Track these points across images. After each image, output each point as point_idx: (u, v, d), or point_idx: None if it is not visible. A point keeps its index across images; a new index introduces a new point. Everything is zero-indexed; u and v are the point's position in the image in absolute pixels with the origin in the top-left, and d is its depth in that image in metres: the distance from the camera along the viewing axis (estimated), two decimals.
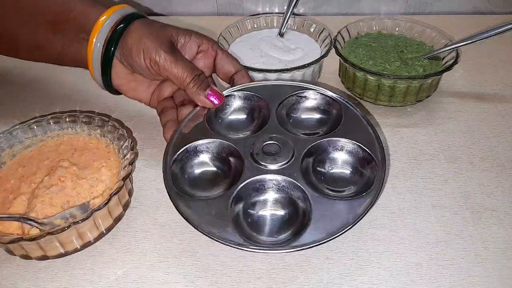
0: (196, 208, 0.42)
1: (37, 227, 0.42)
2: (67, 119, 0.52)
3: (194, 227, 0.40)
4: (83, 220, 0.41)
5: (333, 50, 0.62)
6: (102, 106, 0.63)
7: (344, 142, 0.47)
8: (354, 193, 0.45)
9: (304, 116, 0.53)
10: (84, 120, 0.52)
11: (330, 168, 0.48)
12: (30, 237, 0.39)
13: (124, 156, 0.47)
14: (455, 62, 0.58)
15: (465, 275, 0.42)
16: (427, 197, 0.49)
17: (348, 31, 0.66)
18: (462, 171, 0.52)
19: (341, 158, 0.48)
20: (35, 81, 0.69)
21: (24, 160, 0.50)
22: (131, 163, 0.46)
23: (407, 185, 0.50)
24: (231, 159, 0.47)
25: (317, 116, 0.53)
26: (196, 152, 0.48)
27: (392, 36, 0.66)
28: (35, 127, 0.52)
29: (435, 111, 0.61)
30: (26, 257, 0.43)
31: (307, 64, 0.59)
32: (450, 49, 0.59)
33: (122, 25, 0.48)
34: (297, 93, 0.52)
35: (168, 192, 0.43)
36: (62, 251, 0.43)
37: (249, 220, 0.43)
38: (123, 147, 0.48)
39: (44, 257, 0.43)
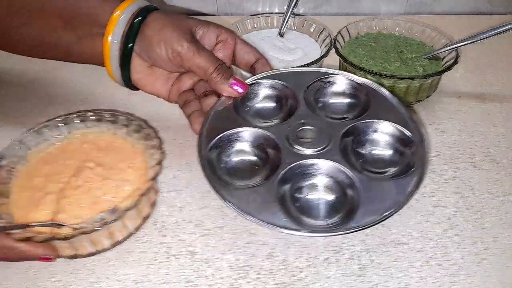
0: (240, 197, 0.41)
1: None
2: (92, 117, 0.52)
3: (244, 216, 0.40)
4: (114, 221, 0.41)
5: (333, 50, 0.62)
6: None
7: (379, 123, 0.47)
8: (398, 173, 0.45)
9: (331, 101, 0.53)
10: (109, 118, 0.52)
11: (369, 150, 0.47)
12: (63, 237, 0.39)
13: (152, 155, 0.47)
14: (455, 62, 0.58)
15: (465, 275, 0.42)
16: (427, 197, 0.49)
17: (348, 31, 0.66)
18: (462, 171, 0.52)
19: (378, 139, 0.48)
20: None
21: (49, 158, 0.50)
22: (159, 162, 0.46)
23: None
24: (267, 146, 0.47)
25: (344, 100, 0.53)
26: (229, 141, 0.48)
27: (392, 36, 0.66)
28: (61, 125, 0.51)
29: (435, 111, 0.61)
30: (58, 256, 0.43)
31: (307, 64, 0.59)
32: (450, 49, 0.59)
33: (139, 18, 0.48)
34: (322, 79, 0.52)
35: (210, 183, 0.42)
36: (93, 250, 0.43)
37: (297, 205, 0.43)
38: (150, 147, 0.48)
39: (75, 256, 0.43)
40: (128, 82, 0.52)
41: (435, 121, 0.59)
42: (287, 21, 0.67)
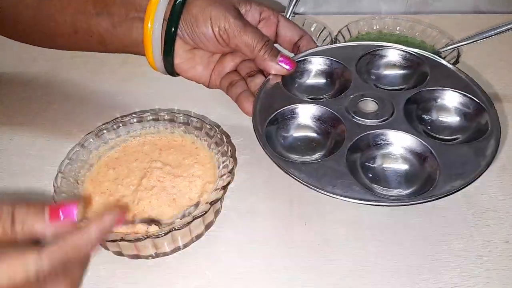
0: (309, 172, 0.41)
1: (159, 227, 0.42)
2: (149, 117, 0.52)
3: (318, 191, 0.39)
4: (181, 227, 0.40)
5: None
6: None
7: (443, 90, 0.47)
8: (468, 139, 0.44)
9: (385, 72, 0.53)
10: (166, 118, 0.51)
11: (435, 117, 0.47)
12: (130, 238, 0.39)
13: (223, 162, 0.46)
14: (456, 62, 0.58)
15: (466, 275, 0.42)
16: None
17: (348, 30, 0.66)
18: None
19: (444, 106, 0.47)
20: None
21: (112, 162, 0.50)
22: (230, 171, 0.45)
23: None
24: (326, 121, 0.47)
25: (399, 71, 0.52)
26: (286, 118, 0.47)
27: (393, 35, 0.66)
28: (119, 126, 0.51)
29: None
30: (119, 253, 0.43)
31: None
32: (451, 49, 0.59)
33: None
34: (371, 52, 0.52)
35: (275, 162, 0.42)
36: (153, 253, 0.43)
37: (368, 175, 0.43)
38: (218, 150, 0.48)
39: (136, 256, 0.43)
40: (171, 69, 0.51)
41: None
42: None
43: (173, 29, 0.47)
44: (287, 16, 0.65)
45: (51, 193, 0.44)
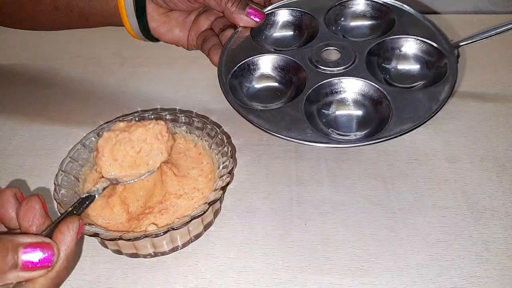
0: (268, 118, 0.42)
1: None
2: (150, 117, 0.51)
3: (273, 134, 0.41)
4: (179, 227, 0.40)
5: None
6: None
7: (406, 38, 0.47)
8: (428, 85, 0.45)
9: (353, 23, 0.53)
10: (168, 117, 0.51)
11: (396, 65, 0.48)
12: (129, 237, 0.39)
13: (223, 163, 0.46)
14: (456, 62, 0.57)
15: (466, 275, 0.42)
16: (427, 197, 0.49)
17: None
18: (462, 171, 0.52)
19: (405, 54, 0.48)
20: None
21: None
22: (230, 171, 0.45)
23: (408, 185, 0.50)
24: (289, 70, 0.48)
25: (367, 22, 0.53)
26: (250, 69, 0.48)
27: None
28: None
29: None
30: (118, 252, 0.43)
31: None
32: None
33: None
34: (342, 2, 0.53)
35: (235, 108, 0.43)
36: (152, 252, 0.43)
37: (324, 120, 0.44)
38: (218, 151, 0.47)
39: (135, 255, 0.43)
40: (147, 33, 0.52)
41: (436, 121, 0.58)
42: None
43: None
44: None
45: (51, 193, 0.44)
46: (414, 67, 0.48)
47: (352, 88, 0.45)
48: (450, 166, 0.52)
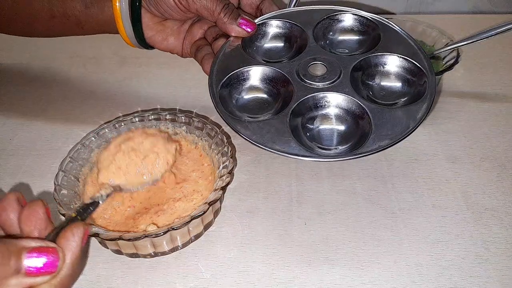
0: (254, 130, 0.44)
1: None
2: (151, 117, 0.52)
3: (258, 146, 0.42)
4: (179, 227, 0.40)
5: None
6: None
7: (389, 56, 0.49)
8: (408, 103, 0.46)
9: (341, 37, 0.54)
10: (168, 117, 0.52)
11: (379, 82, 0.49)
12: (129, 237, 0.39)
13: (223, 163, 0.46)
14: (456, 62, 0.57)
15: (466, 275, 0.42)
16: (427, 198, 0.49)
17: None
18: (462, 171, 0.52)
19: (388, 72, 0.49)
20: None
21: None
22: (230, 172, 0.45)
23: (408, 185, 0.50)
24: (277, 83, 0.49)
25: (354, 36, 0.54)
26: (240, 79, 0.49)
27: None
28: (120, 125, 0.51)
29: (436, 110, 0.61)
30: (118, 252, 0.43)
31: None
32: (450, 49, 0.59)
33: None
34: (331, 16, 0.54)
35: (224, 119, 0.44)
36: (152, 252, 0.43)
37: (308, 134, 0.45)
38: (218, 151, 0.48)
39: (135, 255, 0.43)
40: (142, 42, 0.53)
41: (436, 121, 0.59)
42: None
43: (137, 3, 0.50)
44: None
45: (51, 192, 0.44)
46: (396, 84, 0.49)
47: (335, 103, 0.47)
48: (450, 166, 0.52)
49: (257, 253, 0.44)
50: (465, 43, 0.57)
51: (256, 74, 0.50)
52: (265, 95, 0.50)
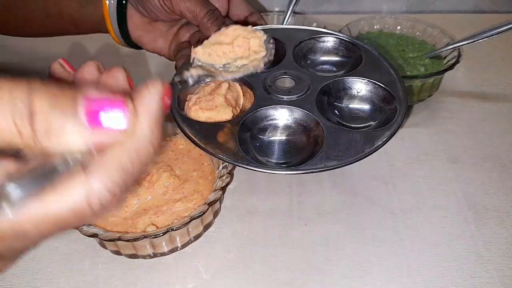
0: (202, 132, 0.42)
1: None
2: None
3: (199, 147, 0.40)
4: (179, 228, 0.40)
5: None
6: None
7: (363, 80, 0.47)
8: (372, 128, 0.45)
9: (322, 58, 0.54)
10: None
11: (347, 105, 0.48)
12: (128, 238, 0.39)
13: (223, 163, 0.46)
14: (457, 61, 0.57)
15: (467, 276, 0.41)
16: (428, 198, 0.49)
17: (349, 30, 0.65)
18: (464, 172, 0.52)
19: (359, 96, 0.48)
20: None
21: None
22: (230, 172, 0.45)
23: (409, 185, 0.50)
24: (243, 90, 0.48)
25: (335, 59, 0.53)
26: (204, 81, 0.48)
27: (394, 35, 0.66)
28: None
29: (437, 110, 0.60)
30: (117, 253, 0.43)
31: None
32: (452, 48, 0.59)
33: None
34: (316, 37, 0.53)
35: (173, 116, 0.43)
36: (151, 252, 0.43)
37: (257, 144, 0.44)
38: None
39: (134, 256, 0.43)
40: (128, 40, 0.53)
41: (437, 121, 0.59)
42: (287, 20, 0.66)
43: (124, 1, 0.50)
44: (288, 15, 0.65)
45: None
46: (364, 109, 0.48)
47: (292, 117, 0.45)
48: (451, 167, 0.52)
49: (257, 254, 0.44)
50: (466, 42, 0.56)
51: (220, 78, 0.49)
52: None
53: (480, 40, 0.55)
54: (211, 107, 0.44)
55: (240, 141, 0.42)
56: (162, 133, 0.24)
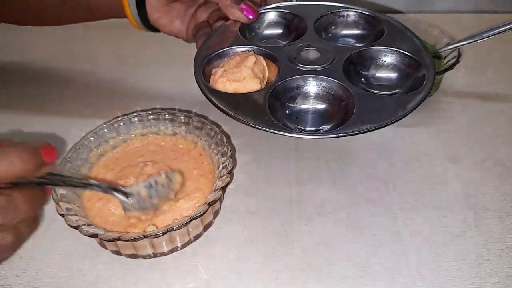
0: (228, 101, 0.43)
1: (123, 199, 0.41)
2: (150, 116, 0.51)
3: (229, 116, 0.41)
4: (179, 228, 0.40)
5: None
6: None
7: (388, 49, 0.48)
8: (402, 93, 0.46)
9: (343, 32, 0.54)
10: (167, 117, 0.51)
11: (373, 74, 0.49)
12: (128, 238, 0.39)
13: (222, 163, 0.46)
14: (457, 62, 0.57)
15: (467, 276, 0.41)
16: (428, 198, 0.49)
17: None
18: (463, 172, 0.52)
19: (385, 65, 0.49)
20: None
21: (112, 163, 0.49)
22: (229, 172, 0.45)
23: (409, 185, 0.50)
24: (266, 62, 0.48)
25: (356, 32, 0.54)
26: (227, 57, 0.49)
27: None
28: (119, 125, 0.51)
29: (437, 110, 0.60)
30: (117, 253, 0.43)
31: None
32: (452, 48, 0.59)
33: None
34: (335, 11, 0.54)
35: (200, 89, 0.44)
36: (151, 252, 0.43)
37: (287, 112, 0.45)
38: (218, 151, 0.47)
39: (134, 256, 0.43)
40: (147, 23, 0.54)
41: (437, 121, 0.59)
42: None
43: None
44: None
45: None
46: (391, 76, 0.49)
47: (320, 86, 0.46)
48: (451, 166, 0.52)
49: (257, 254, 0.44)
50: (466, 42, 0.56)
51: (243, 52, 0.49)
52: None
53: (480, 40, 0.55)
54: (239, 79, 0.44)
55: (270, 110, 0.42)
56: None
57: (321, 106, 0.45)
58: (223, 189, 0.43)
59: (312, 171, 0.52)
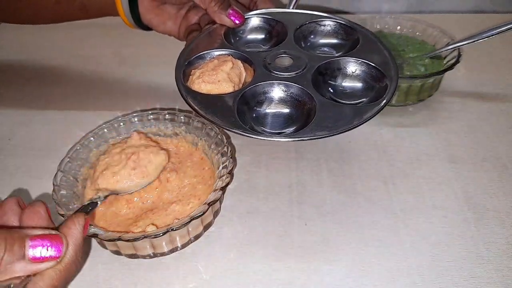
0: (202, 101, 0.45)
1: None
2: (150, 116, 0.52)
3: (199, 114, 0.43)
4: (179, 228, 0.40)
5: None
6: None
7: (357, 60, 0.49)
8: (366, 102, 0.47)
9: (322, 41, 0.56)
10: (168, 117, 0.51)
11: (341, 83, 0.50)
12: (128, 238, 0.39)
13: (223, 163, 0.46)
14: (457, 62, 0.57)
15: (467, 276, 0.41)
16: (428, 198, 0.49)
17: None
18: (464, 172, 0.52)
19: (353, 75, 0.50)
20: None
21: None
22: (230, 172, 0.45)
23: (409, 185, 0.50)
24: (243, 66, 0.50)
25: (334, 41, 0.55)
26: (206, 59, 0.50)
27: (394, 35, 0.66)
28: (119, 125, 0.51)
29: (437, 110, 0.60)
30: (117, 253, 0.43)
31: None
32: (452, 48, 0.59)
33: None
34: (316, 21, 0.55)
35: (178, 89, 0.46)
36: (151, 252, 0.43)
37: (254, 115, 0.47)
38: (218, 151, 0.47)
39: (134, 256, 0.43)
40: (139, 22, 0.55)
41: (437, 121, 0.59)
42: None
43: None
44: (291, 6, 0.65)
45: (50, 193, 0.44)
46: (357, 87, 0.50)
47: (288, 92, 0.47)
48: (451, 167, 0.52)
49: (257, 254, 0.44)
50: (466, 42, 0.56)
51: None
52: None
53: (480, 40, 0.55)
54: (214, 81, 0.46)
55: (238, 112, 0.44)
56: (84, 254, 0.33)
57: (287, 110, 0.47)
58: (223, 189, 0.43)
59: (312, 171, 0.52)
